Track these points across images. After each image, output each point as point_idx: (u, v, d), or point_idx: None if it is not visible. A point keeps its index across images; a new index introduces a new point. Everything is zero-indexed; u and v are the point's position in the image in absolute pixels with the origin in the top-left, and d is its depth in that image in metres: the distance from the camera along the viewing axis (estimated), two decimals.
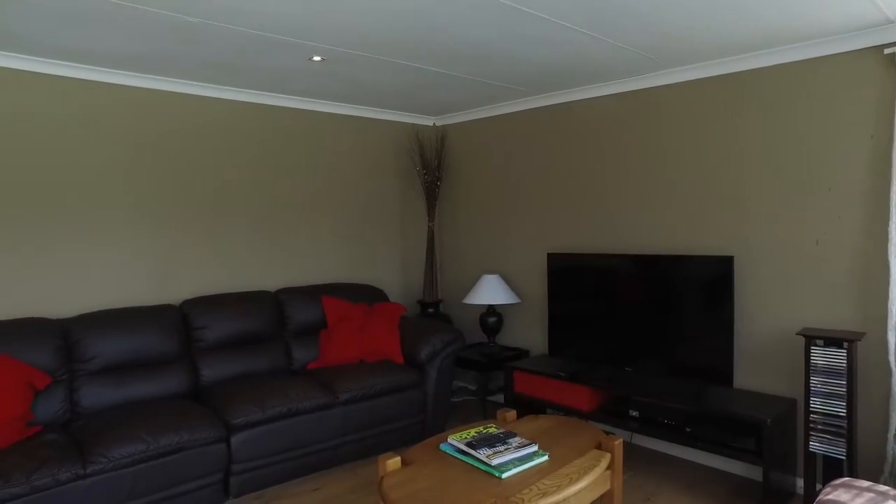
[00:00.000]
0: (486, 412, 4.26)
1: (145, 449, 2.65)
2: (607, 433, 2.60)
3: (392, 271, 4.86)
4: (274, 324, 3.74)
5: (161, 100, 3.63)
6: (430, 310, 4.63)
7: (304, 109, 4.26)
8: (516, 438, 2.43)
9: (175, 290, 3.67)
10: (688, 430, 3.09)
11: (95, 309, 3.37)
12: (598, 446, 2.49)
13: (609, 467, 2.42)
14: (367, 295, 4.22)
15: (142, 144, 3.57)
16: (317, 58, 3.24)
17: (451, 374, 3.85)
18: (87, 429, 2.77)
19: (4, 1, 2.39)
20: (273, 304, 3.79)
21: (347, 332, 3.78)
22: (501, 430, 2.53)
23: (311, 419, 3.19)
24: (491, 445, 2.35)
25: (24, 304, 3.17)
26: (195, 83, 3.71)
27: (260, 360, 3.59)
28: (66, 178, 3.32)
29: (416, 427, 3.68)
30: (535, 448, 2.35)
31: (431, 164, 4.79)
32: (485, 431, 2.52)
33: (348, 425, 3.34)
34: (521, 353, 4.27)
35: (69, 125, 3.33)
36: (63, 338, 3.05)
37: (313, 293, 3.97)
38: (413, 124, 4.92)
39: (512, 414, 2.88)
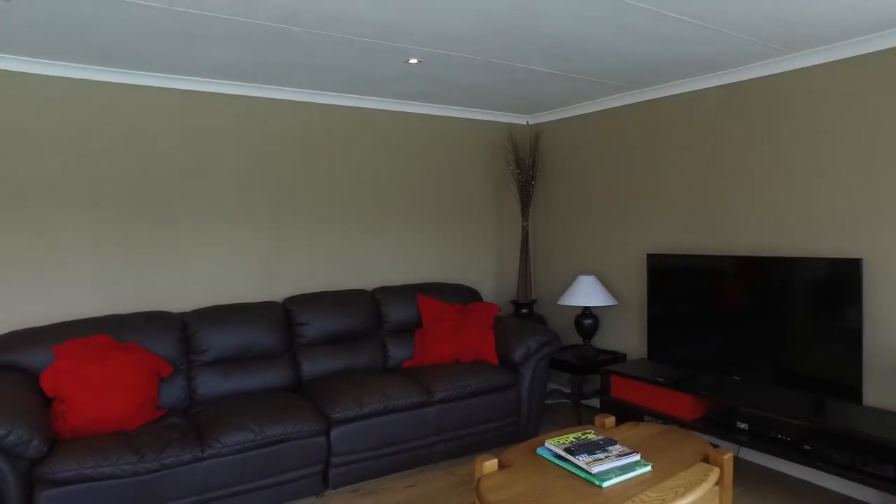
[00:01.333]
0: (580, 416, 4.15)
1: (253, 438, 2.80)
2: (713, 446, 2.44)
3: (485, 271, 4.85)
4: (371, 322, 3.84)
5: (265, 107, 3.84)
6: (524, 310, 4.58)
7: (399, 112, 4.35)
8: (617, 446, 2.34)
9: (279, 287, 3.87)
10: (806, 447, 2.84)
11: (209, 304, 3.61)
12: (706, 459, 2.34)
13: (718, 483, 2.27)
14: (461, 295, 4.24)
15: (250, 150, 3.79)
16: (413, 60, 3.29)
17: (545, 376, 3.79)
18: (203, 415, 2.98)
19: (125, 23, 2.61)
20: (370, 302, 3.89)
21: (442, 332, 3.82)
22: (601, 437, 2.44)
23: (407, 417, 3.25)
24: (590, 452, 2.28)
25: (150, 299, 3.47)
26: (297, 90, 3.88)
27: (357, 358, 3.70)
28: (186, 185, 3.59)
29: (510, 428, 3.65)
30: (637, 457, 2.26)
31: (525, 163, 4.73)
32: (583, 437, 2.45)
33: (443, 424, 3.37)
34: (617, 357, 4.13)
35: (185, 134, 3.60)
36: (182, 330, 3.30)
37: (409, 292, 4.04)
38: (506, 123, 4.89)
39: (611, 420, 2.78)
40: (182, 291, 3.57)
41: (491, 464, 2.29)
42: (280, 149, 3.90)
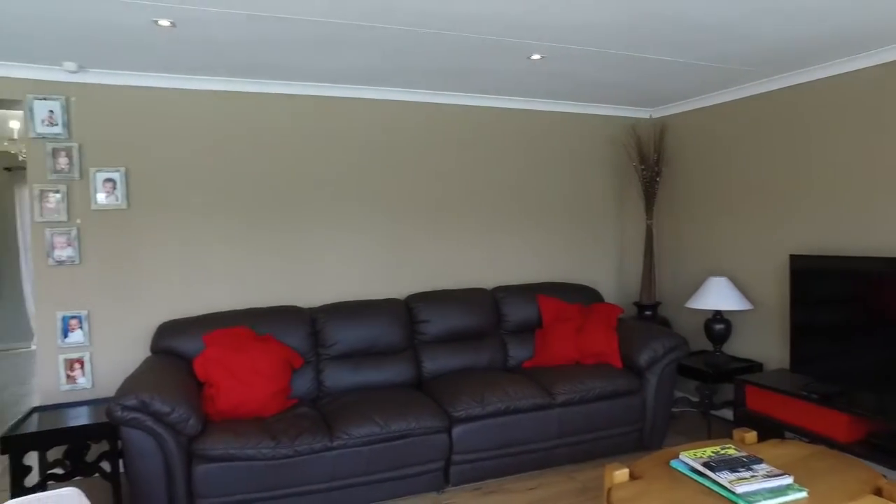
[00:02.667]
0: (710, 428, 3.88)
1: (379, 432, 2.89)
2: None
3: (606, 271, 4.69)
4: (491, 321, 3.84)
5: (390, 109, 3.95)
6: (648, 312, 4.36)
7: (519, 109, 4.31)
8: (763, 465, 2.15)
9: (401, 284, 3.97)
10: None
11: (335, 300, 3.78)
12: (878, 492, 2.07)
13: None
14: (582, 295, 4.12)
15: (375, 151, 3.93)
16: (536, 56, 3.23)
17: (672, 382, 3.58)
18: (331, 406, 3.12)
19: (273, 36, 2.78)
20: (490, 301, 3.89)
21: (563, 333, 3.73)
22: (743, 454, 2.26)
23: (529, 418, 3.20)
24: (733, 469, 2.11)
25: (283, 295, 3.70)
26: (422, 91, 3.96)
27: (478, 356, 3.71)
28: (316, 188, 3.79)
29: (634, 436, 3.49)
30: (789, 480, 2.06)
31: (649, 159, 4.50)
32: (723, 452, 2.28)
33: (564, 427, 3.29)
34: (753, 366, 3.81)
35: (315, 138, 3.79)
36: (312, 324, 3.47)
37: (529, 292, 3.99)
38: (629, 118, 4.68)
39: (752, 435, 2.57)
40: (311, 288, 3.76)
41: (622, 473, 2.20)
42: (404, 149, 4.00)
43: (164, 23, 2.63)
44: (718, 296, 3.82)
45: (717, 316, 3.90)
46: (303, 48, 3.00)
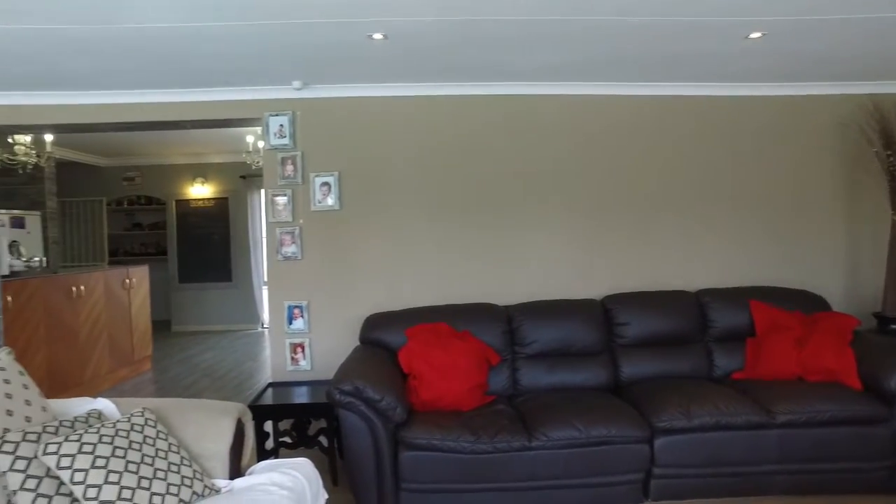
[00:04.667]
0: None
1: (578, 436, 2.81)
2: None
3: (832, 275, 4.07)
4: (694, 326, 3.54)
5: (589, 104, 3.85)
6: (894, 326, 3.69)
7: (726, 96, 3.93)
8: None
9: (596, 285, 3.84)
10: None
11: (529, 299, 3.76)
12: None
13: None
14: (802, 302, 3.62)
15: (566, 151, 3.86)
16: (755, 35, 2.90)
17: None
18: (528, 406, 3.11)
19: (478, 40, 2.84)
20: (694, 305, 3.59)
21: (782, 344, 3.30)
22: None
23: (742, 437, 2.89)
24: None
25: (479, 292, 3.78)
26: (620, 83, 3.79)
27: (679, 363, 3.45)
28: (511, 189, 3.83)
29: (880, 474, 2.95)
30: None
31: None
32: None
33: (785, 452, 2.91)
34: None
35: (508, 140, 3.83)
36: (508, 322, 3.50)
37: (738, 296, 3.60)
38: (867, 94, 3.99)
39: None
40: (506, 286, 3.81)
41: None
42: (602, 146, 3.88)
43: (378, 36, 2.83)
44: None
45: None
46: (506, 47, 3.04)
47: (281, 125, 3.71)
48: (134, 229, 9.18)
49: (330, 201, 3.74)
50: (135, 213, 9.09)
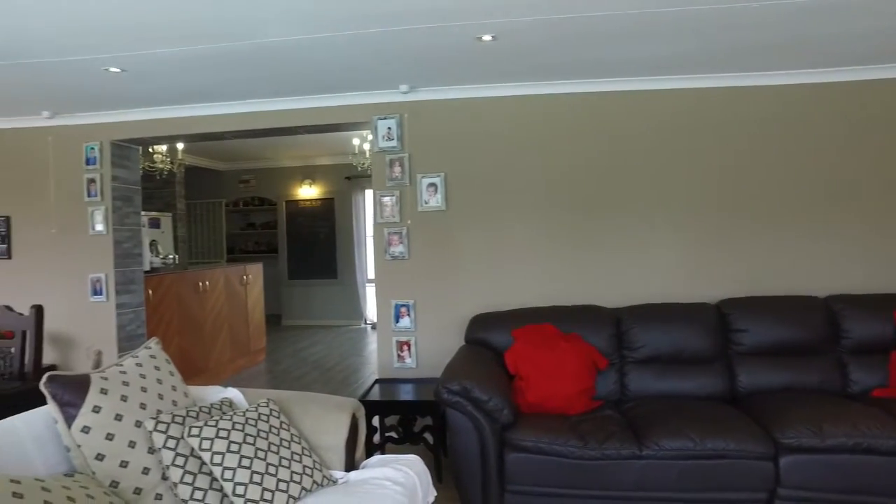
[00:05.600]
0: None
1: (692, 447, 2.67)
2: None
3: None
4: (824, 335, 3.26)
5: (699, 97, 3.64)
6: None
7: (857, 81, 3.55)
8: None
9: (709, 288, 3.63)
10: None
11: (637, 301, 3.62)
12: None
13: None
14: None
15: (681, 147, 3.67)
16: None
17: None
18: (637, 412, 3.00)
19: (580, 39, 2.77)
20: (823, 312, 3.30)
21: None
22: None
23: (885, 463, 2.61)
24: None
25: (584, 293, 3.69)
26: (734, 74, 3.56)
27: (806, 376, 3.18)
28: (616, 186, 3.71)
29: None
30: None
31: None
32: None
33: None
34: None
35: (613, 135, 3.70)
36: (616, 325, 3.40)
37: (879, 304, 3.26)
38: None
39: None
40: (612, 287, 3.69)
41: None
42: (715, 141, 3.66)
43: (487, 38, 2.84)
44: None
45: None
46: (620, 41, 2.94)
47: (389, 128, 3.82)
48: (248, 228, 9.84)
49: (436, 202, 3.80)
50: (249, 213, 9.73)
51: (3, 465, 1.65)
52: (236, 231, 9.72)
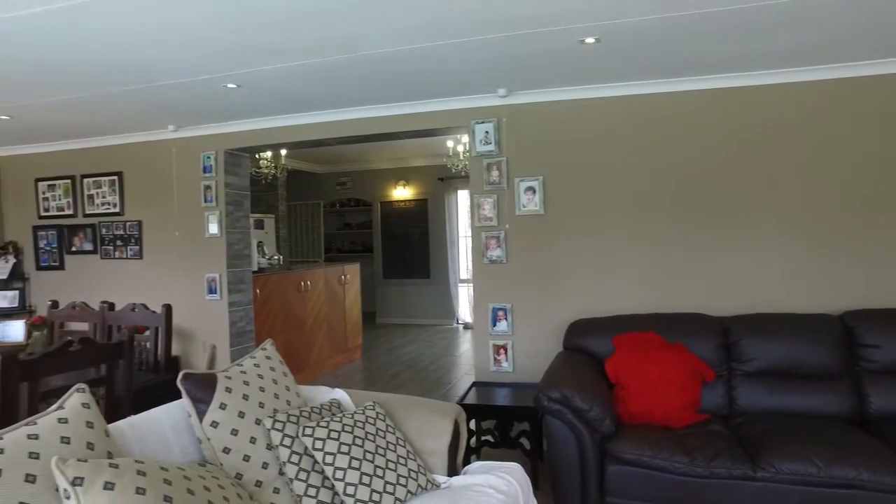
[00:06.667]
0: None
1: (816, 473, 2.47)
2: None
3: None
4: None
5: (817, 91, 3.36)
6: None
7: None
8: None
9: (831, 297, 3.34)
10: None
11: (748, 311, 3.41)
12: None
13: None
14: None
15: (794, 144, 3.40)
16: None
17: None
18: (748, 429, 2.82)
19: (688, 36, 2.63)
20: None
21: None
22: None
23: None
24: None
25: (689, 300, 3.53)
26: (852, 64, 3.25)
27: None
28: (719, 188, 3.50)
29: None
30: None
31: None
32: None
33: None
34: None
35: (717, 135, 3.49)
36: (723, 335, 3.22)
37: None
38: None
39: None
40: (720, 294, 3.50)
41: None
42: (832, 136, 3.36)
43: (590, 40, 2.77)
44: None
45: None
46: (727, 38, 2.79)
47: (486, 132, 3.82)
48: (344, 229, 10.22)
49: (534, 205, 3.76)
50: (345, 213, 10.11)
51: (149, 451, 1.84)
52: (333, 231, 10.13)
